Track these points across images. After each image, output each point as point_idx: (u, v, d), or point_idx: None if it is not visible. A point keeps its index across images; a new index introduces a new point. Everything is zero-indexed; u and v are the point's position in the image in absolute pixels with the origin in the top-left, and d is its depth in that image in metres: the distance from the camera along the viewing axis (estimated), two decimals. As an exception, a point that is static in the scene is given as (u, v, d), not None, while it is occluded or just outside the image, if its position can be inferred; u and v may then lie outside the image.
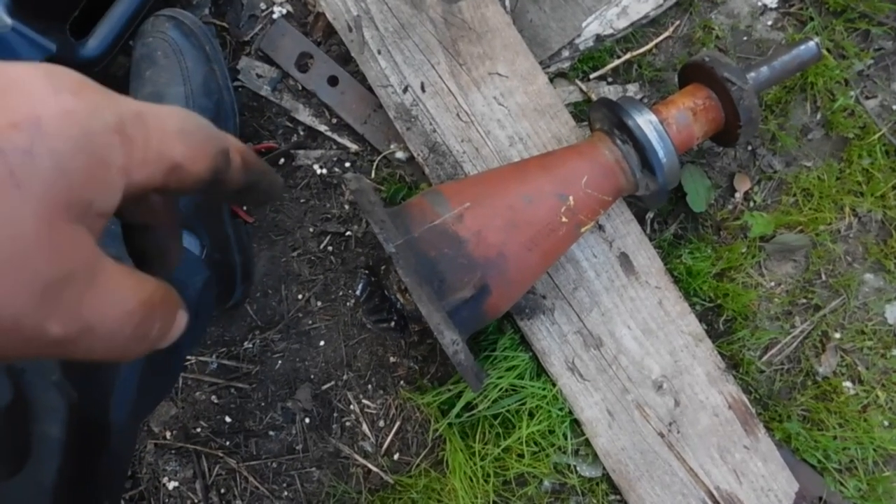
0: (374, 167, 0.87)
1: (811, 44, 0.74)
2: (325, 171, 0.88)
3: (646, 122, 0.69)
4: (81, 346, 0.21)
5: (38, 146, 0.19)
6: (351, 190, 0.66)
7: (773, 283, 0.86)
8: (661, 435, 0.82)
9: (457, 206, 0.68)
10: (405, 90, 0.81)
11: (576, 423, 0.83)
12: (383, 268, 0.71)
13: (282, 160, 0.88)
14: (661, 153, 0.69)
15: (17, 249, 0.19)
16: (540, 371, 0.83)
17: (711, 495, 0.81)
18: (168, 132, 0.23)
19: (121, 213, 0.26)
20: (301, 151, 0.88)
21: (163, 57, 0.77)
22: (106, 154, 0.21)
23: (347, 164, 0.88)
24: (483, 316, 0.71)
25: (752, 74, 0.74)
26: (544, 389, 0.81)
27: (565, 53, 0.85)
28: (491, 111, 0.81)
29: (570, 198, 0.69)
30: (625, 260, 0.81)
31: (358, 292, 0.71)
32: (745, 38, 0.85)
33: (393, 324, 0.72)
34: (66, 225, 0.20)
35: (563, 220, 0.69)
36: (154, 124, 0.23)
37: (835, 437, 0.83)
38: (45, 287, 0.19)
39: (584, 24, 0.84)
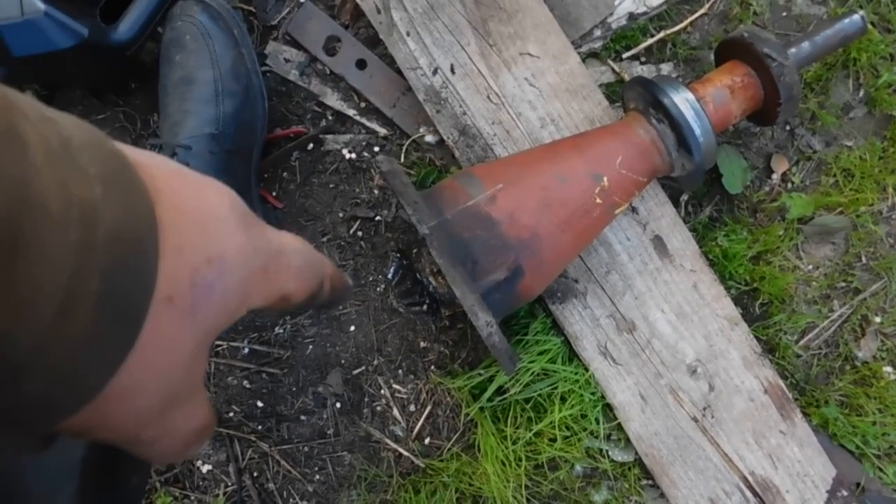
0: (404, 151, 0.86)
1: (856, 17, 0.72)
2: (353, 155, 0.88)
3: (682, 100, 0.68)
4: (141, 448, 0.23)
5: (218, 283, 0.21)
6: (382, 171, 0.66)
7: (811, 267, 0.84)
8: (695, 419, 0.81)
9: (489, 187, 0.67)
10: (434, 72, 0.80)
11: (608, 408, 0.82)
12: (415, 251, 0.71)
13: (311, 145, 0.88)
14: (698, 132, 0.68)
15: (170, 370, 0.20)
16: (572, 355, 0.82)
17: (746, 480, 0.80)
18: (290, 270, 0.26)
19: None
20: (330, 136, 0.88)
21: (192, 41, 0.77)
22: (250, 291, 0.23)
23: (376, 149, 0.87)
24: (516, 298, 0.70)
25: (793, 50, 0.72)
26: (576, 374, 0.81)
27: (597, 33, 0.83)
28: (522, 92, 0.80)
29: (605, 178, 0.68)
30: (658, 243, 0.80)
31: (390, 276, 0.71)
32: (784, 14, 0.83)
33: (425, 307, 0.72)
34: (203, 352, 0.22)
35: (598, 201, 0.68)
36: (283, 263, 0.25)
37: (874, 423, 0.81)
38: (168, 401, 0.21)
39: (616, 3, 0.82)
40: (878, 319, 0.82)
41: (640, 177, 0.70)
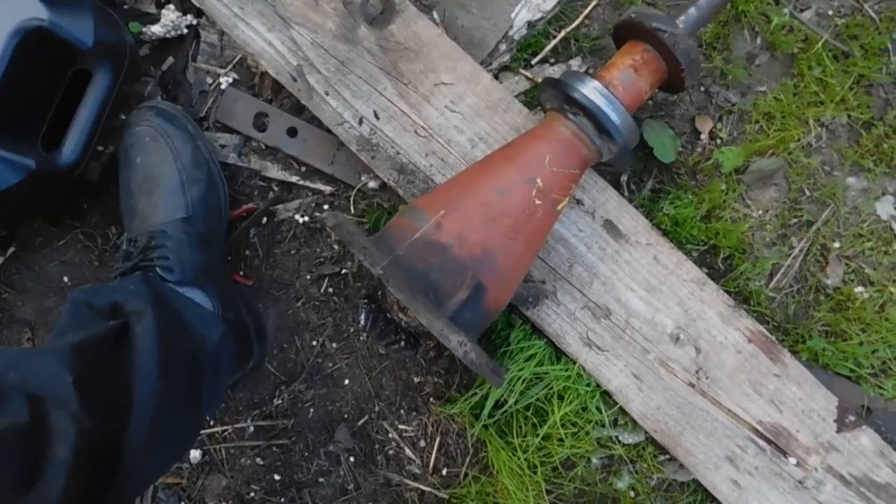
0: (352, 202, 0.89)
1: (728, -24, 0.76)
2: (307, 218, 0.91)
3: (591, 90, 0.71)
4: None
5: None
6: (330, 227, 0.69)
7: (760, 211, 0.86)
8: (692, 385, 0.82)
9: (433, 215, 0.70)
10: (360, 122, 0.84)
11: (606, 395, 0.84)
12: (380, 293, 0.73)
13: (264, 219, 0.91)
14: (613, 116, 0.71)
15: None
16: (558, 354, 0.84)
17: (756, 431, 0.82)
18: None
19: None
20: (280, 206, 0.91)
21: (151, 141, 0.81)
22: None
23: (326, 206, 0.90)
24: (486, 313, 0.72)
25: (682, 18, 0.76)
26: (567, 370, 0.82)
27: (503, 47, 0.87)
28: (446, 120, 0.83)
29: (538, 180, 0.71)
30: (610, 226, 0.83)
31: (362, 322, 0.73)
32: (670, -13, 0.87)
33: (403, 343, 0.74)
34: None
35: (537, 202, 0.71)
36: None
37: (861, 344, 0.83)
38: None
39: (513, 15, 0.87)
40: (836, 245, 0.85)
41: (572, 170, 0.73)
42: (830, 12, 0.85)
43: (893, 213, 0.84)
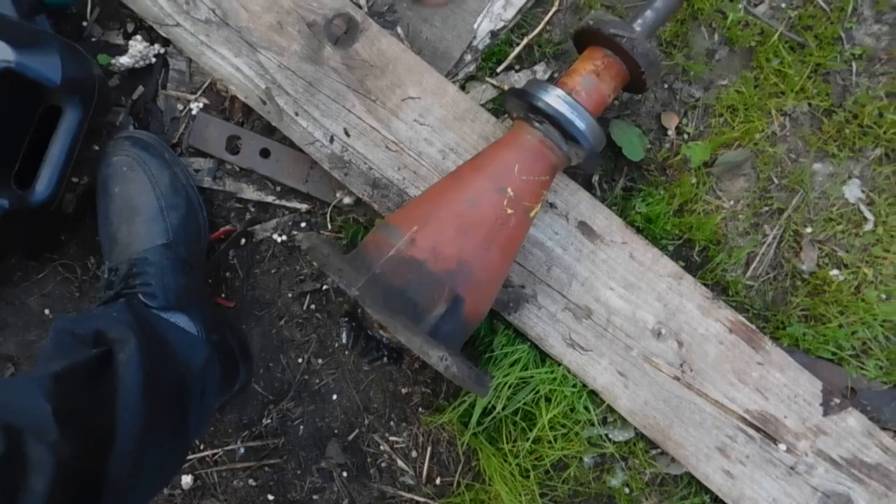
0: (328, 218, 0.90)
1: (682, -25, 0.77)
2: (284, 237, 0.91)
3: (554, 98, 0.72)
4: None
5: None
6: (304, 250, 0.69)
7: (732, 202, 0.88)
8: (677, 378, 0.83)
9: (407, 231, 0.70)
10: (331, 140, 0.84)
11: (593, 395, 0.84)
12: (359, 310, 0.74)
13: (243, 240, 0.92)
14: (577, 122, 0.72)
15: None
16: (542, 357, 0.85)
17: (744, 419, 0.83)
18: None
19: None
20: (257, 226, 0.92)
21: (129, 171, 0.82)
22: None
23: (303, 224, 0.91)
24: (466, 324, 0.73)
25: (639, 21, 0.77)
26: (552, 372, 0.83)
27: (468, 58, 0.88)
28: (416, 133, 0.84)
29: (509, 189, 0.72)
30: (584, 227, 0.84)
31: (344, 340, 0.73)
32: (627, -11, 0.89)
33: (386, 358, 0.75)
34: None
35: (509, 211, 0.72)
36: None
37: (840, 326, 0.84)
38: None
39: (475, 26, 0.88)
40: (808, 230, 0.86)
41: (541, 177, 0.74)
42: (783, 5, 0.87)
43: (861, 196, 0.86)
